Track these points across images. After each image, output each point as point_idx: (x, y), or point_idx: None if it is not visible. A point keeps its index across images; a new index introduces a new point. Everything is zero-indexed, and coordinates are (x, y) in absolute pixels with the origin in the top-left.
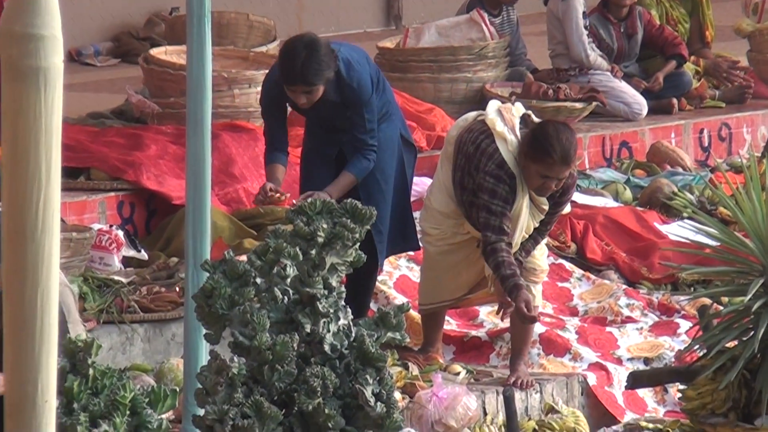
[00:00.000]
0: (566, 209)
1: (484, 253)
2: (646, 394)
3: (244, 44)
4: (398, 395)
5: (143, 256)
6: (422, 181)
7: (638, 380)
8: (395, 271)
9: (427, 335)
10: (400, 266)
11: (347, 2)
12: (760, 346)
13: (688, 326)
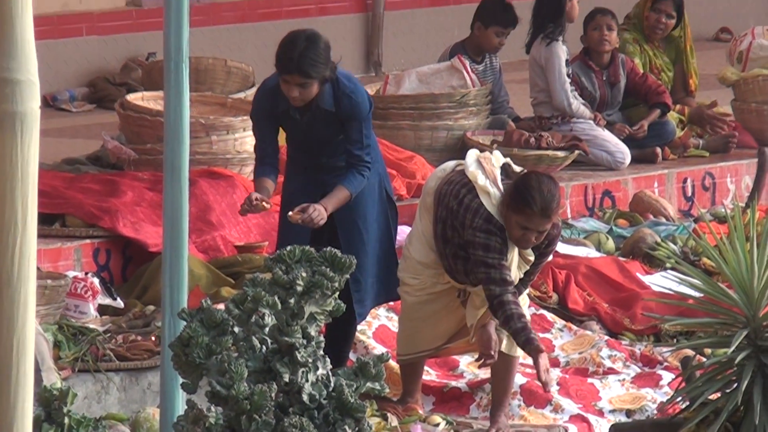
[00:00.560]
0: (548, 257)
1: (491, 307)
2: None
3: (221, 90)
4: None
5: (119, 304)
6: (402, 230)
7: None
8: (374, 320)
9: (406, 385)
10: (379, 315)
11: None
12: (743, 398)
13: (670, 378)
